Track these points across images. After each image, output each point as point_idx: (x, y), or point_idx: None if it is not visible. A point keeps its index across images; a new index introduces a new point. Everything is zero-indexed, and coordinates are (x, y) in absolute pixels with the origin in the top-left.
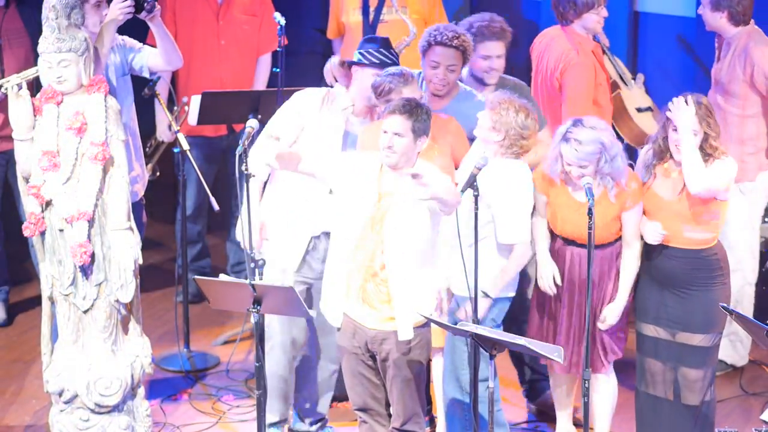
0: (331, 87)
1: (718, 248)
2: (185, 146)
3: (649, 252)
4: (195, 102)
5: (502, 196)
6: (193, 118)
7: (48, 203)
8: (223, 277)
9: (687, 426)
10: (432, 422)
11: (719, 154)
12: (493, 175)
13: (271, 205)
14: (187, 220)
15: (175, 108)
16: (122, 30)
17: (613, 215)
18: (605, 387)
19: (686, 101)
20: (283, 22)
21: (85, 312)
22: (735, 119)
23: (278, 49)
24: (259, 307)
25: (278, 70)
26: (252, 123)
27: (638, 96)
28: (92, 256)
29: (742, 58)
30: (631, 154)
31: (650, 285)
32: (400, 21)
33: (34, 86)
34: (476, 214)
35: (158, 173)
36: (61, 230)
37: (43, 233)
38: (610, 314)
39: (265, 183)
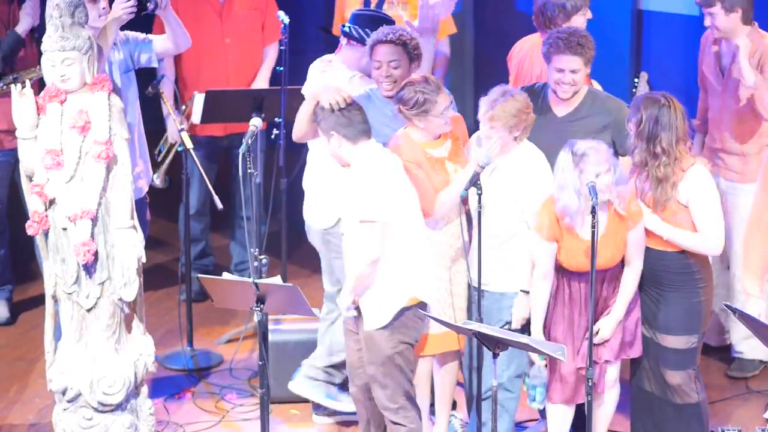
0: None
1: (689, 253)
2: (189, 145)
3: None
4: (199, 100)
5: (528, 184)
6: (196, 116)
7: (51, 202)
8: (226, 275)
9: (677, 423)
10: None
11: (679, 166)
12: (513, 164)
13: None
14: (190, 219)
15: (184, 107)
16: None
17: (622, 236)
18: (609, 397)
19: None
20: (287, 20)
21: (89, 310)
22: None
23: (281, 47)
24: (262, 306)
25: (282, 69)
26: (255, 122)
27: None
28: (96, 254)
29: (756, 57)
30: None
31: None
32: (401, 17)
33: (38, 84)
34: (479, 213)
35: (168, 182)
36: (65, 229)
37: (46, 232)
38: (605, 327)
39: None
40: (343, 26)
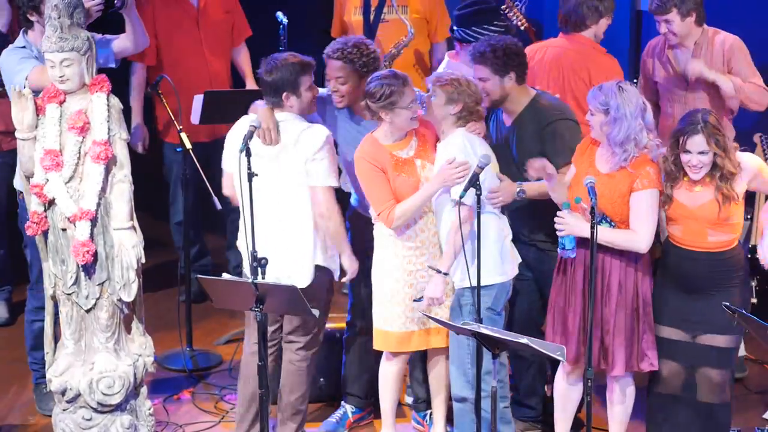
0: None
1: (738, 248)
2: (188, 145)
3: (670, 257)
4: (197, 101)
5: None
6: (195, 117)
7: (51, 202)
8: (226, 275)
9: (704, 424)
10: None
11: (734, 172)
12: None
13: None
14: (182, 224)
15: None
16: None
17: (621, 191)
18: (630, 391)
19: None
20: (285, 21)
21: (88, 311)
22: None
23: (280, 48)
24: (261, 306)
25: None
26: (255, 122)
27: None
28: (95, 255)
29: (720, 53)
30: None
31: (669, 288)
32: (401, 21)
33: None
34: (479, 213)
35: None
36: (64, 229)
37: (45, 232)
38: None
39: None
40: (452, 30)
